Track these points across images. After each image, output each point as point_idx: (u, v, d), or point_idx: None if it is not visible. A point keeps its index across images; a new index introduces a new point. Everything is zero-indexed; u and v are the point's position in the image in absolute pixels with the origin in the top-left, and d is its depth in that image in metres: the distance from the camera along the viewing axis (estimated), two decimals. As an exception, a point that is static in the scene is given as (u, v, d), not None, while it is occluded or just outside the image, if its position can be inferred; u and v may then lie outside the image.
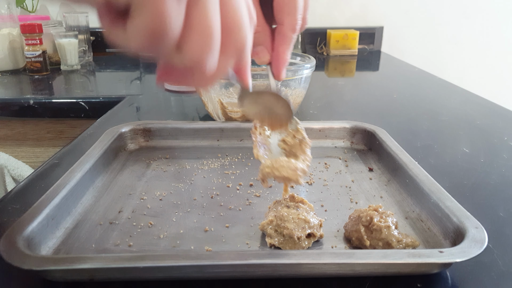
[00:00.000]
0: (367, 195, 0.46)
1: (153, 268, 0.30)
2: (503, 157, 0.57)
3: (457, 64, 1.56)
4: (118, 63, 1.35)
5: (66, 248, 0.36)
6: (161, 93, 0.93)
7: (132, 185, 0.48)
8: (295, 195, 0.39)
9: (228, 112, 0.65)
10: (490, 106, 0.82)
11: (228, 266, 0.31)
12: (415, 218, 0.41)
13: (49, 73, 1.16)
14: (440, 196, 0.39)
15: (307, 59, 0.69)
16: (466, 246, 0.31)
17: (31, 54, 1.11)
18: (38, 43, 1.12)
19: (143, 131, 0.59)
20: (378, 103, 0.87)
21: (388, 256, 0.31)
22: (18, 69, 1.21)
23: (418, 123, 0.72)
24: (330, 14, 1.52)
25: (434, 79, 1.08)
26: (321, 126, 0.60)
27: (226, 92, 0.66)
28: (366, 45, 1.54)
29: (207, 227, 0.39)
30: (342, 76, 1.22)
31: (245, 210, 0.43)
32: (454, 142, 0.63)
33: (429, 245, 0.36)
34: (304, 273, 0.32)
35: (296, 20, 0.37)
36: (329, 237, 0.38)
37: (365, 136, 0.59)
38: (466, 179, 0.50)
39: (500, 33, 1.54)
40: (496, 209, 0.43)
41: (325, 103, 0.85)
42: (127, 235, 0.38)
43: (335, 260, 0.31)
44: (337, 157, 0.56)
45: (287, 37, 0.37)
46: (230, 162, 0.54)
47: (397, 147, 0.51)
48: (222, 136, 0.60)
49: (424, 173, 0.44)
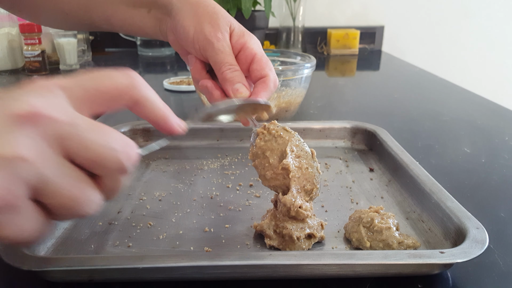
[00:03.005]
0: (368, 196, 0.46)
1: (152, 269, 0.30)
2: (504, 157, 0.57)
3: (458, 64, 1.56)
4: (117, 62, 1.35)
5: (65, 248, 0.36)
6: (160, 92, 0.93)
7: (131, 185, 0.48)
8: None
9: (228, 112, 0.65)
10: (491, 106, 0.82)
11: (228, 267, 0.31)
12: (416, 218, 0.41)
13: (48, 73, 1.15)
14: (441, 197, 0.39)
15: (308, 59, 0.69)
16: (467, 246, 0.31)
17: (30, 54, 1.11)
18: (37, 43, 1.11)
19: (142, 131, 0.59)
20: (379, 103, 0.87)
21: (389, 256, 0.31)
22: (17, 69, 1.21)
23: (419, 123, 0.72)
24: (331, 13, 1.52)
25: (435, 79, 1.08)
26: (322, 126, 0.60)
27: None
28: (367, 45, 1.54)
29: (206, 227, 0.39)
30: (342, 75, 1.22)
31: (245, 210, 0.43)
32: (455, 142, 0.63)
33: (430, 245, 0.36)
34: (304, 274, 0.32)
35: (276, 76, 0.40)
36: (329, 238, 0.38)
37: (365, 136, 0.59)
38: (467, 180, 0.50)
39: (502, 32, 1.54)
40: (497, 210, 0.43)
41: (326, 103, 0.85)
42: (126, 235, 0.38)
43: (336, 261, 0.31)
44: (338, 157, 0.56)
45: (268, 86, 0.39)
46: (230, 162, 0.54)
47: (398, 147, 0.51)
48: (222, 136, 0.60)
49: (425, 173, 0.44)
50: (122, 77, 0.25)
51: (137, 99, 0.26)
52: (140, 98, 0.26)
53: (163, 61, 1.35)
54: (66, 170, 0.22)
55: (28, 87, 0.22)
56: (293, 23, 1.38)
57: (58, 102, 0.22)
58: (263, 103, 0.37)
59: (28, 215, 0.22)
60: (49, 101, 0.22)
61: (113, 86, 0.25)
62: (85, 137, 0.22)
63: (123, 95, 0.25)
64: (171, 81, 0.96)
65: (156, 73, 1.21)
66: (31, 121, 0.20)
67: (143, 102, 0.26)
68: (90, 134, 0.22)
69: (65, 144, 0.22)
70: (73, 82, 0.24)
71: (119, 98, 0.25)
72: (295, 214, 0.35)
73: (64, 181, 0.22)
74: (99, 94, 0.24)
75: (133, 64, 1.31)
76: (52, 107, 0.21)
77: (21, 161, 0.20)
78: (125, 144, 0.24)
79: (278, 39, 1.44)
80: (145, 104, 0.26)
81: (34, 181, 0.21)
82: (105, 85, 0.24)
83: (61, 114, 0.22)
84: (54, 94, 0.22)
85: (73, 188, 0.22)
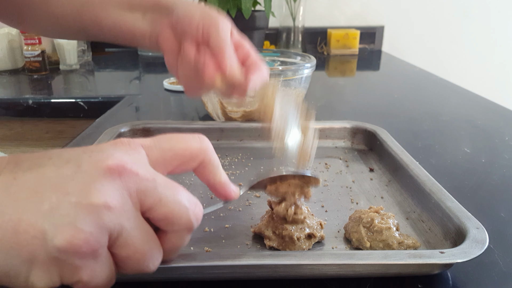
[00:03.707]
0: (368, 196, 0.46)
1: (152, 269, 0.30)
2: (504, 157, 0.57)
3: (458, 64, 1.56)
4: (117, 62, 1.35)
5: (64, 248, 0.36)
6: (160, 93, 0.93)
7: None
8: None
9: (228, 112, 0.65)
10: (491, 106, 0.82)
11: (228, 267, 0.31)
12: (416, 218, 0.41)
13: (48, 73, 1.16)
14: (441, 197, 0.39)
15: (308, 59, 0.69)
16: (467, 246, 0.31)
17: (30, 54, 1.11)
18: (37, 43, 1.11)
19: (142, 131, 0.59)
20: (379, 103, 0.87)
21: (389, 257, 0.30)
22: (17, 69, 1.21)
23: (419, 123, 0.72)
24: (331, 13, 1.52)
25: (435, 79, 1.08)
26: (322, 126, 0.60)
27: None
28: (367, 45, 1.54)
29: (206, 227, 0.39)
30: (342, 75, 1.22)
31: (245, 210, 0.43)
32: (455, 142, 0.63)
33: (430, 245, 0.36)
34: (304, 274, 0.32)
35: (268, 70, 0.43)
36: (329, 238, 0.38)
37: (365, 136, 0.59)
38: (467, 180, 0.50)
39: (502, 32, 1.54)
40: (497, 210, 0.43)
41: (326, 103, 0.85)
42: (126, 235, 0.38)
43: (336, 261, 0.30)
44: (338, 157, 0.56)
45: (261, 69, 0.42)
46: (230, 162, 0.54)
47: (398, 147, 0.51)
48: (222, 136, 0.60)
49: (425, 173, 0.44)
50: (194, 141, 0.28)
51: (205, 163, 0.28)
52: (208, 162, 0.28)
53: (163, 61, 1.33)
54: (140, 223, 0.24)
55: (115, 143, 0.25)
56: (293, 23, 1.38)
57: (141, 159, 0.25)
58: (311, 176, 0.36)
59: (104, 263, 0.23)
60: (133, 158, 0.24)
61: (187, 149, 0.27)
62: (162, 193, 0.24)
63: (194, 158, 0.28)
64: (171, 81, 0.96)
65: (156, 73, 1.21)
66: (118, 174, 0.22)
67: (209, 167, 0.29)
68: (166, 191, 0.24)
69: (143, 198, 0.23)
70: (153, 143, 0.26)
71: (191, 161, 0.28)
72: (291, 220, 0.36)
73: (138, 233, 0.23)
74: (174, 155, 0.27)
75: (133, 64, 1.31)
76: (136, 163, 0.24)
77: (107, 209, 0.21)
78: (194, 203, 0.26)
79: (278, 39, 1.44)
80: (210, 169, 0.29)
81: (114, 230, 0.22)
82: (180, 148, 0.27)
83: (143, 170, 0.24)
84: (137, 152, 0.25)
85: (144, 242, 0.24)
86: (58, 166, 0.22)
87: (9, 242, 0.20)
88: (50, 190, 0.21)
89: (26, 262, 0.21)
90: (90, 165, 0.22)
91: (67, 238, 0.20)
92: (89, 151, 0.23)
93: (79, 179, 0.22)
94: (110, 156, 0.23)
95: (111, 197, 0.22)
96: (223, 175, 0.30)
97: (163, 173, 0.26)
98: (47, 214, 0.21)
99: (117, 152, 0.23)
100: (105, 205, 0.21)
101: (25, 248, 0.20)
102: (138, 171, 0.23)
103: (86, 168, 0.22)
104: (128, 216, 0.23)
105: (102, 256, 0.22)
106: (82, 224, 0.21)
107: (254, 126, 0.60)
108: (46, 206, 0.21)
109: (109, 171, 0.22)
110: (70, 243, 0.20)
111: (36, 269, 0.21)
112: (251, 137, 0.60)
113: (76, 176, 0.22)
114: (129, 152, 0.24)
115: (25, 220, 0.20)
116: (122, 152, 0.24)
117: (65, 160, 0.23)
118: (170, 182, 0.25)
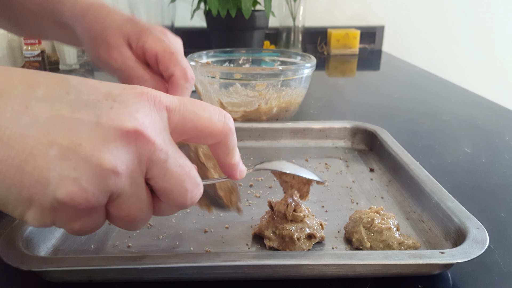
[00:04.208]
0: (368, 196, 0.46)
1: (152, 269, 0.30)
2: (504, 157, 0.57)
3: (458, 64, 1.56)
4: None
5: (65, 248, 0.36)
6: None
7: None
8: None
9: (228, 112, 0.65)
10: (491, 106, 0.82)
11: (228, 267, 0.31)
12: (416, 218, 0.41)
13: (49, 73, 1.15)
14: (441, 197, 0.39)
15: (308, 59, 0.69)
16: (467, 247, 0.31)
17: (29, 54, 1.11)
18: (36, 43, 1.11)
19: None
20: (379, 103, 0.87)
21: (389, 257, 0.30)
22: (18, 69, 1.21)
23: (419, 123, 0.72)
24: (331, 13, 1.52)
25: (435, 79, 1.08)
26: (322, 126, 0.60)
27: (226, 92, 0.66)
28: (367, 45, 1.54)
29: (206, 228, 0.39)
30: (342, 75, 1.22)
31: (244, 210, 0.42)
32: (456, 142, 0.63)
33: (430, 246, 0.36)
34: (304, 274, 0.32)
35: (185, 69, 0.40)
36: (329, 238, 0.38)
37: (366, 136, 0.59)
38: (468, 180, 0.50)
39: (502, 32, 1.54)
40: (498, 210, 0.43)
41: (326, 103, 0.85)
42: (126, 236, 0.38)
43: (336, 261, 0.30)
44: (338, 157, 0.56)
45: (180, 85, 0.39)
46: (230, 162, 0.54)
47: (398, 147, 0.51)
48: (222, 136, 0.60)
49: (425, 173, 0.44)
50: (218, 121, 0.26)
51: (221, 144, 0.27)
52: (224, 144, 0.27)
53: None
54: (140, 190, 0.24)
55: (141, 95, 0.23)
56: (293, 23, 1.38)
57: (161, 124, 0.24)
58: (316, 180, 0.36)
59: (97, 217, 0.24)
60: (154, 121, 0.23)
61: (208, 127, 0.26)
62: (169, 168, 0.24)
63: (212, 138, 0.27)
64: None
65: (156, 73, 1.21)
66: (135, 138, 0.22)
67: (223, 148, 0.28)
68: (174, 167, 0.24)
69: (150, 166, 0.23)
70: (177, 107, 0.24)
71: (208, 138, 0.27)
72: (291, 218, 0.36)
73: (135, 200, 0.24)
74: (193, 128, 0.25)
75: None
76: (155, 129, 0.23)
77: (115, 174, 0.21)
78: (196, 185, 0.25)
79: (278, 39, 1.44)
80: (224, 150, 0.28)
81: (115, 193, 0.22)
82: (201, 123, 0.25)
83: (160, 139, 0.23)
84: (160, 115, 0.24)
85: (137, 208, 0.24)
86: (75, 108, 0.21)
87: (12, 180, 0.20)
88: (63, 135, 0.20)
89: (25, 201, 0.21)
90: (109, 121, 0.21)
91: (69, 193, 0.20)
92: (111, 99, 0.22)
93: (94, 133, 0.21)
94: (131, 116, 0.22)
95: (122, 161, 0.21)
96: (235, 156, 0.29)
97: (176, 139, 0.25)
98: (55, 161, 0.20)
99: (140, 111, 0.22)
100: (113, 170, 0.21)
101: (26, 189, 0.20)
102: (156, 140, 0.23)
103: (104, 122, 0.21)
104: (131, 182, 0.23)
105: (97, 212, 0.23)
106: (87, 184, 0.21)
107: (254, 126, 0.60)
108: (55, 152, 0.20)
109: (126, 134, 0.21)
110: (71, 199, 0.20)
111: (33, 209, 0.21)
112: (251, 137, 0.60)
113: (92, 128, 0.21)
114: (152, 113, 0.23)
115: (31, 162, 0.20)
116: (145, 111, 0.23)
117: (84, 102, 0.21)
118: (181, 158, 0.24)
